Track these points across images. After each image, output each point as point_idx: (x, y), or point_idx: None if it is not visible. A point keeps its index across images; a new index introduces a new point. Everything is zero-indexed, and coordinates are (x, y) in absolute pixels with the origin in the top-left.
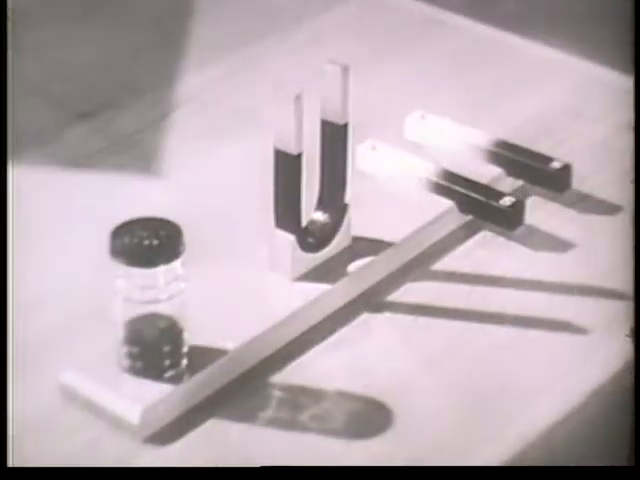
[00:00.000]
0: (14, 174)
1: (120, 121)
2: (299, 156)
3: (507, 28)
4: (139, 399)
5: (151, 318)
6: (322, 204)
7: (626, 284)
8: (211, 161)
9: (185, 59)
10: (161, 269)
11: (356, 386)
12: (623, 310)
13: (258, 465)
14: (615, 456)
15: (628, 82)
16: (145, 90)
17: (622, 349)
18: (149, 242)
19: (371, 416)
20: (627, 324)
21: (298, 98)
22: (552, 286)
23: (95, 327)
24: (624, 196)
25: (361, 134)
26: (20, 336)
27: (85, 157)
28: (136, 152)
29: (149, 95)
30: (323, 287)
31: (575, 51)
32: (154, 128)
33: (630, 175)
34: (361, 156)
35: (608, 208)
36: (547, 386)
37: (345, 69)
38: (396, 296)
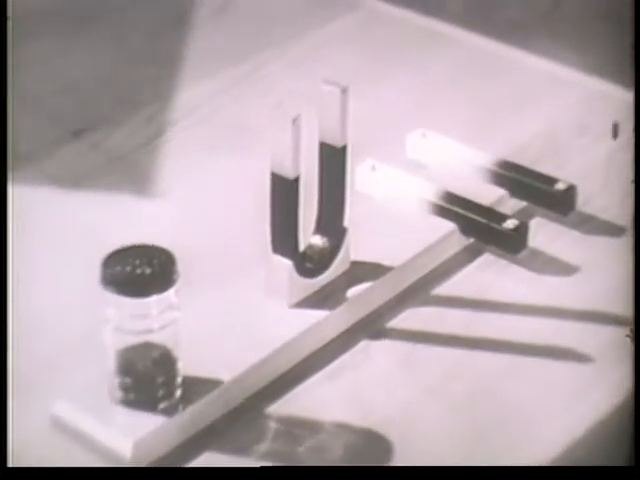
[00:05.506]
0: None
1: (115, 138)
2: (296, 180)
3: (510, 41)
4: (131, 431)
5: (144, 348)
6: (320, 228)
7: (632, 308)
8: (208, 180)
9: (182, 74)
10: (154, 299)
11: (355, 416)
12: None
13: None
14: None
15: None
16: (141, 106)
17: (627, 376)
18: (141, 271)
19: (370, 447)
20: (632, 350)
21: (296, 121)
22: (556, 311)
23: (87, 356)
24: (629, 216)
25: (361, 153)
26: (10, 366)
27: (79, 176)
28: (131, 170)
29: (145, 111)
30: (321, 313)
31: (579, 65)
32: (150, 145)
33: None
34: (360, 177)
35: (613, 229)
36: (550, 415)
37: (344, 90)
38: (396, 322)
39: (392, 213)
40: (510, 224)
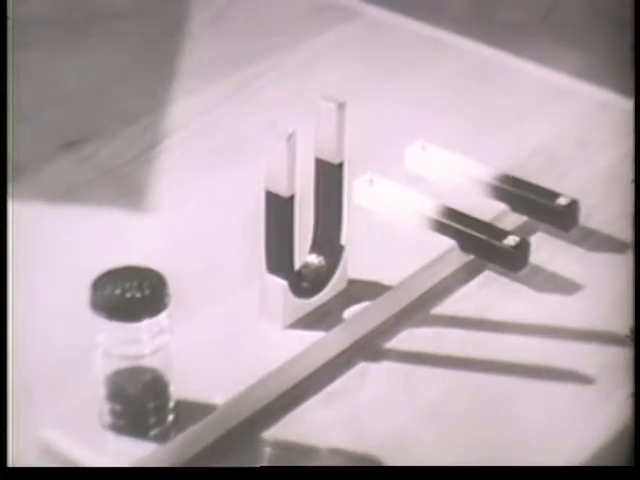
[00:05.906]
0: None
1: (108, 151)
2: (291, 198)
3: (511, 50)
4: (122, 459)
5: (134, 371)
6: (316, 246)
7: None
8: (203, 195)
9: (177, 84)
10: (145, 323)
11: (352, 440)
12: (632, 356)
13: None
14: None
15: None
16: (134, 117)
17: (629, 395)
18: (132, 295)
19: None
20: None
21: (290, 138)
22: (558, 330)
23: (77, 379)
24: (632, 232)
25: (359, 165)
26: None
27: (71, 188)
28: (124, 184)
29: (138, 123)
30: (317, 335)
31: (580, 73)
32: (143, 158)
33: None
34: (358, 191)
35: (616, 245)
36: (552, 435)
37: (341, 106)
38: (394, 343)
39: (390, 228)
40: (511, 241)
